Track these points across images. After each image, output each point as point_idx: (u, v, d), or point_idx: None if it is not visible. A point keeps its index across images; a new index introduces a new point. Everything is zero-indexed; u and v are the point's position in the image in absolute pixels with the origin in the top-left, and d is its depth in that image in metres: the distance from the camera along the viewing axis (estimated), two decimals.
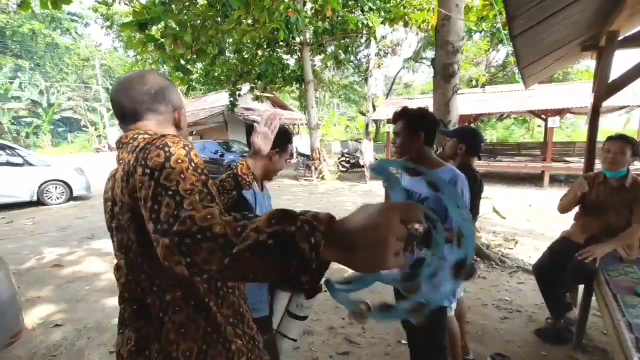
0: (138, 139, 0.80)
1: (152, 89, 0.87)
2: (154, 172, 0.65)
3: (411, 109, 1.59)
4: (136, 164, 0.69)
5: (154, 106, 0.87)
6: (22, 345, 2.34)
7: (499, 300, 2.92)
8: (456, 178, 1.49)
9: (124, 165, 0.74)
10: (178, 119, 0.92)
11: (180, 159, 0.67)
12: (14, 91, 23.20)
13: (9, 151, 7.12)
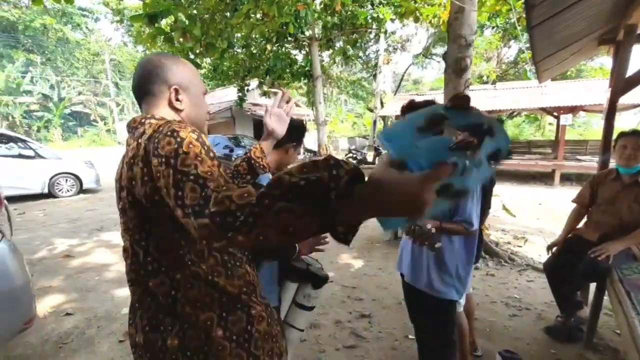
0: (145, 124, 0.79)
1: (147, 70, 0.85)
2: (169, 160, 0.64)
3: (417, 101, 1.57)
4: (148, 155, 0.69)
5: (148, 87, 0.84)
6: (34, 332, 2.38)
7: (507, 298, 2.89)
8: None
9: (129, 152, 0.75)
10: (173, 97, 0.84)
11: (192, 143, 0.66)
12: (25, 85, 23.51)
13: (20, 144, 7.23)
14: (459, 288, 1.55)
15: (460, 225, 1.45)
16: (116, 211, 2.75)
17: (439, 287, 1.54)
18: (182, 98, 0.85)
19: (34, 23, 25.12)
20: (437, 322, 1.61)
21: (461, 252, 1.54)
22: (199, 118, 0.91)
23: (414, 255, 1.62)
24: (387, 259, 3.84)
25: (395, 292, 3.02)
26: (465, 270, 1.56)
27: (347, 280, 3.25)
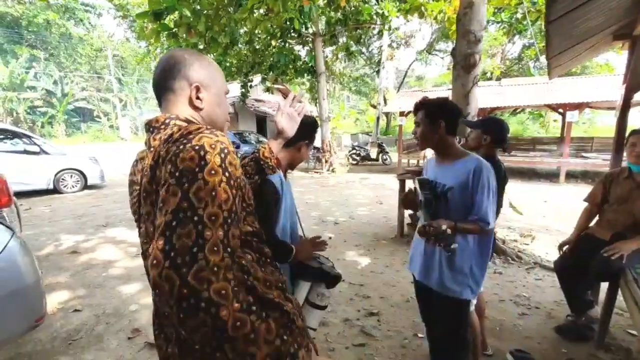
0: (169, 124, 0.76)
1: (169, 65, 0.81)
2: (183, 179, 0.61)
3: (430, 98, 1.55)
4: (166, 156, 0.65)
5: (168, 83, 0.80)
6: (43, 329, 2.39)
7: (516, 296, 2.87)
8: (481, 167, 1.42)
9: (154, 154, 0.70)
10: (194, 95, 0.80)
11: (214, 170, 0.63)
12: (29, 81, 23.55)
13: (25, 139, 7.22)
14: (474, 287, 1.52)
15: (476, 224, 1.41)
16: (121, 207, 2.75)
17: (452, 286, 1.51)
18: (203, 96, 0.81)
19: (37, 19, 25.11)
20: (451, 322, 1.59)
21: (476, 250, 1.51)
22: (219, 118, 0.87)
23: (426, 255, 1.60)
24: (393, 256, 3.82)
25: (403, 289, 3.01)
26: (480, 270, 1.53)
27: (355, 278, 3.24)
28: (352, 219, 5.49)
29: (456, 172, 1.48)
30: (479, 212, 1.41)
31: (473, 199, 1.42)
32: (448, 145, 1.53)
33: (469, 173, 1.42)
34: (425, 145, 1.55)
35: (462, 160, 1.49)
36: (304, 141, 1.46)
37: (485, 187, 1.40)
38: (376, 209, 6.17)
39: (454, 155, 1.52)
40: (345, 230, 4.86)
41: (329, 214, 5.78)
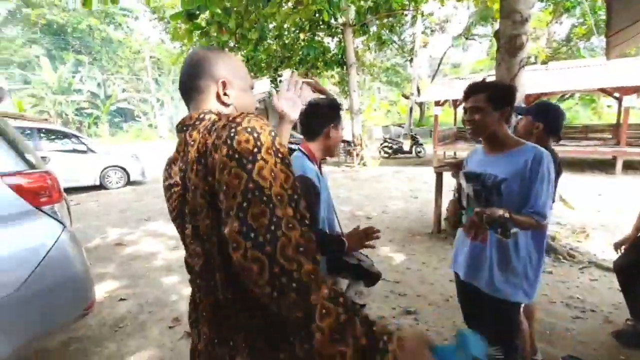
0: (205, 119, 0.75)
1: (193, 64, 0.81)
2: (243, 160, 0.59)
3: (493, 81, 1.41)
4: (219, 141, 0.63)
5: (194, 83, 0.80)
6: (93, 315, 2.54)
7: (568, 298, 2.65)
8: (540, 156, 1.29)
9: (198, 145, 0.68)
10: (221, 91, 0.79)
11: (270, 149, 0.62)
12: (75, 84, 25.28)
13: (74, 139, 7.76)
14: (527, 289, 1.40)
15: (531, 218, 1.29)
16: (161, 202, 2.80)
17: (503, 287, 1.39)
18: (229, 92, 0.81)
19: (80, 25, 26.83)
20: (500, 326, 1.47)
21: (530, 248, 1.39)
22: (245, 109, 0.85)
23: (473, 253, 1.48)
24: (430, 252, 3.67)
25: (441, 288, 2.87)
26: (535, 269, 1.40)
27: (390, 275, 3.15)
28: (385, 213, 5.36)
29: (510, 162, 1.35)
30: (536, 205, 1.29)
31: (530, 190, 1.30)
32: (503, 135, 1.39)
33: (525, 163, 1.30)
34: (482, 134, 1.41)
35: (517, 149, 1.36)
36: (330, 124, 1.39)
37: (544, 178, 1.28)
38: (410, 202, 5.99)
39: (507, 145, 1.39)
40: (378, 225, 4.72)
41: (361, 208, 5.68)
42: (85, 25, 27.05)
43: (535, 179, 1.28)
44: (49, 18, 26.03)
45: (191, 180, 0.69)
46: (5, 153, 1.67)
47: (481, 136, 1.43)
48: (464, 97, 1.42)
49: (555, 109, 1.91)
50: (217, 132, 0.65)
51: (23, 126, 7.25)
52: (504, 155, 1.39)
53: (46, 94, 23.49)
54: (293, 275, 0.55)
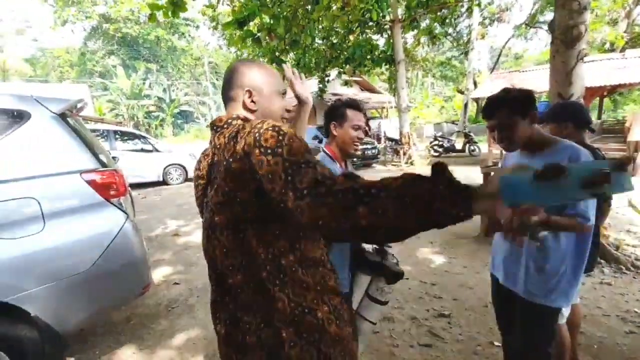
0: (232, 123, 0.86)
1: (227, 77, 0.94)
2: (275, 150, 0.69)
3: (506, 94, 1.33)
4: (249, 148, 0.73)
5: (229, 93, 0.93)
6: (151, 296, 2.89)
7: (625, 312, 2.39)
8: (578, 154, 1.23)
9: (222, 152, 0.80)
10: (247, 99, 0.91)
11: (292, 137, 0.72)
12: (145, 90, 28.03)
13: (142, 140, 8.71)
14: (567, 295, 1.33)
15: (573, 220, 1.22)
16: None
17: (540, 292, 1.34)
18: (255, 99, 0.92)
19: (149, 36, 29.65)
20: (533, 332, 1.41)
21: (571, 251, 1.32)
22: (273, 116, 0.96)
23: (512, 255, 1.43)
24: (473, 256, 3.53)
25: (481, 293, 2.76)
26: (575, 275, 1.33)
27: (426, 276, 3.10)
28: None
29: (547, 161, 1.29)
30: (577, 207, 1.22)
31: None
32: (536, 137, 1.35)
33: (563, 161, 1.23)
34: (517, 147, 1.36)
35: (553, 148, 1.30)
36: (331, 123, 1.50)
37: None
38: None
39: (542, 145, 1.34)
40: None
41: None
42: (154, 36, 29.89)
43: None
44: (124, 31, 29.20)
45: (216, 180, 0.81)
46: (84, 153, 1.99)
47: (517, 149, 1.38)
48: (486, 116, 1.37)
49: (574, 105, 1.86)
50: (246, 140, 0.75)
51: (102, 128, 8.30)
52: (540, 155, 1.33)
53: (121, 99, 26.39)
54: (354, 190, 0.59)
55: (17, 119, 1.78)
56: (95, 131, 7.95)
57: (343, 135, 1.49)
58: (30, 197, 1.72)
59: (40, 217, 1.73)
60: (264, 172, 0.69)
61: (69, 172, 1.87)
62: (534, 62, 25.77)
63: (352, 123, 1.48)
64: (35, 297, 1.67)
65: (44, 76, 30.27)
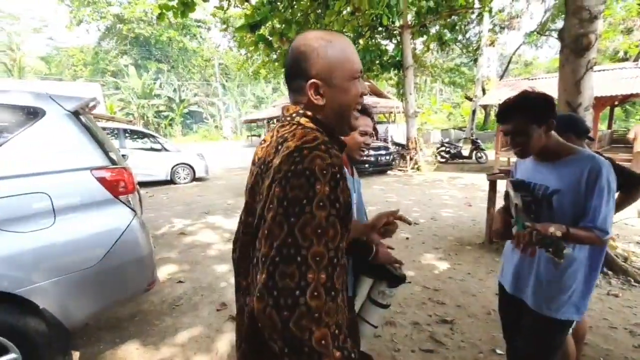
0: (292, 121, 0.76)
1: (290, 61, 0.77)
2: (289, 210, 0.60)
3: (524, 97, 1.27)
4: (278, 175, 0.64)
5: (291, 84, 0.78)
6: (156, 293, 2.92)
7: (633, 325, 2.36)
8: (599, 166, 1.18)
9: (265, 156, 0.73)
10: (313, 94, 0.74)
11: (323, 202, 0.60)
12: (156, 90, 28.43)
13: (152, 139, 8.83)
14: (579, 306, 1.30)
15: (592, 233, 1.18)
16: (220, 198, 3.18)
17: (551, 304, 1.31)
18: (323, 91, 0.75)
19: (162, 37, 30.13)
20: (541, 344, 1.38)
21: (584, 264, 1.29)
22: (345, 108, 0.79)
23: (521, 265, 1.41)
24: (477, 263, 3.50)
25: (484, 300, 2.75)
26: (587, 287, 1.30)
27: (430, 282, 3.08)
28: (434, 220, 5.20)
29: (563, 172, 1.26)
30: (596, 220, 1.18)
31: (586, 204, 1.20)
32: (553, 144, 1.30)
33: (581, 174, 1.20)
34: (530, 154, 1.33)
35: (572, 158, 1.26)
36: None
37: (604, 191, 1.17)
38: (463, 211, 5.71)
39: (559, 153, 1.29)
40: (425, 231, 4.64)
41: (409, 213, 5.57)
42: (166, 37, 30.34)
43: (594, 192, 1.18)
44: (137, 32, 29.69)
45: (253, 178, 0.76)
46: (95, 151, 2.03)
47: (529, 156, 1.35)
48: (500, 120, 1.33)
49: (570, 116, 1.90)
50: (282, 158, 0.65)
51: (113, 127, 8.44)
52: (555, 165, 1.29)
53: (132, 98, 26.80)
54: (305, 342, 0.57)
55: (32, 115, 1.84)
56: (106, 129, 8.09)
57: (349, 141, 1.44)
58: (42, 192, 1.77)
59: (51, 211, 1.77)
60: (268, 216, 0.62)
61: (80, 168, 1.91)
62: (544, 69, 25.57)
63: (359, 128, 1.46)
64: (44, 290, 1.71)
65: (58, 74, 30.88)
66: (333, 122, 0.80)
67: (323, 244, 0.59)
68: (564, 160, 1.27)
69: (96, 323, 2.46)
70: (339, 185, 0.63)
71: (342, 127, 0.83)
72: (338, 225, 0.62)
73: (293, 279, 0.57)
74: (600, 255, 1.29)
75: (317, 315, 0.57)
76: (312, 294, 0.57)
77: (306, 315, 0.57)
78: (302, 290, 0.57)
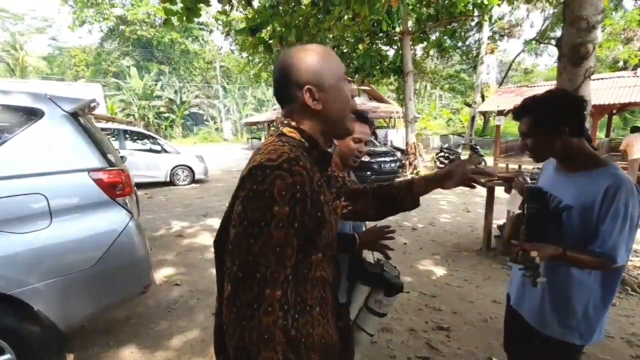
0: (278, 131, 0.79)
1: (279, 74, 0.78)
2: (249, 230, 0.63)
3: (538, 97, 1.19)
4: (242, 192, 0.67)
5: (284, 93, 0.79)
6: (152, 295, 2.91)
7: (631, 334, 2.35)
8: (619, 185, 1.06)
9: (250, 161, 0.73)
10: (309, 100, 0.75)
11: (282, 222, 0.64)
12: (157, 91, 28.49)
13: (152, 140, 8.83)
14: (584, 332, 1.19)
15: (596, 259, 1.08)
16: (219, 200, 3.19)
17: (554, 325, 1.22)
18: (318, 96, 0.76)
19: (164, 39, 30.24)
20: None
21: (595, 287, 1.17)
22: (340, 109, 0.80)
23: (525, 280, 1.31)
24: (475, 270, 3.50)
25: (481, 307, 2.74)
26: (598, 312, 1.18)
27: (426, 288, 3.08)
28: (432, 225, 5.20)
29: (580, 187, 1.15)
30: (604, 245, 1.07)
31: (599, 226, 1.08)
32: (575, 151, 1.17)
33: (597, 192, 1.08)
34: (543, 158, 1.25)
35: (593, 172, 1.14)
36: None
37: (619, 215, 1.05)
38: (461, 217, 5.71)
39: (582, 164, 1.17)
40: (423, 237, 4.63)
41: (407, 219, 5.57)
42: (168, 39, 30.45)
43: (607, 214, 1.06)
44: (140, 33, 29.79)
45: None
46: (93, 153, 2.03)
47: (543, 160, 1.26)
48: (515, 117, 1.26)
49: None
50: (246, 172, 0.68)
51: (113, 127, 8.45)
52: (576, 177, 1.17)
53: (133, 99, 26.84)
54: (251, 356, 0.63)
55: (30, 116, 1.84)
56: (106, 130, 8.10)
57: (343, 147, 1.44)
58: (38, 193, 1.77)
59: (47, 213, 1.77)
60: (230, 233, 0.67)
61: (77, 170, 1.91)
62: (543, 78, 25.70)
63: (355, 135, 1.43)
64: (39, 291, 1.71)
65: (60, 74, 30.97)
66: (330, 127, 0.81)
67: (280, 262, 0.64)
68: (587, 172, 1.15)
69: (91, 325, 2.45)
70: (300, 204, 0.66)
71: (340, 130, 0.83)
72: (294, 244, 0.66)
73: (252, 293, 0.62)
74: (614, 281, 1.17)
75: (267, 337, 0.63)
76: (266, 309, 0.63)
77: (257, 330, 0.62)
78: (258, 306, 0.62)
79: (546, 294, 1.24)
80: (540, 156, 1.23)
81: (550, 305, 1.22)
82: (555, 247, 1.10)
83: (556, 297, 1.21)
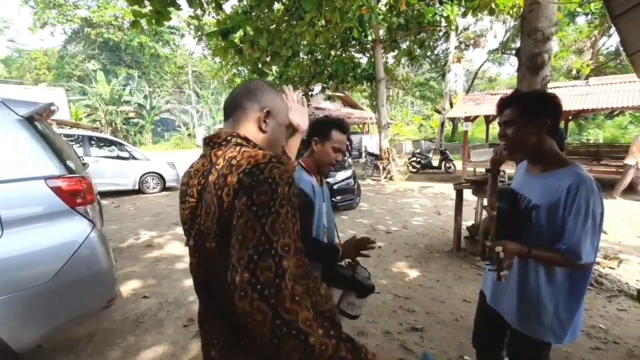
0: (230, 142, 0.82)
1: (248, 88, 0.91)
2: (260, 212, 0.67)
3: (527, 92, 1.28)
4: (241, 188, 0.70)
5: (243, 101, 0.89)
6: (118, 309, 2.76)
7: (590, 327, 2.50)
8: (579, 183, 1.11)
9: (218, 177, 0.75)
10: (262, 118, 0.88)
11: (284, 201, 0.70)
12: (125, 96, 27.42)
13: (119, 147, 8.46)
14: (558, 331, 1.24)
15: (561, 256, 1.13)
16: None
17: (526, 322, 1.28)
18: (269, 122, 0.90)
19: (133, 42, 29.21)
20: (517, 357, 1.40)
21: (565, 288, 1.21)
22: (276, 146, 0.95)
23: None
24: (446, 271, 3.60)
25: (452, 307, 2.82)
26: (569, 312, 1.23)
27: (400, 290, 3.13)
28: (405, 228, 5.30)
29: (547, 186, 1.20)
30: (569, 241, 1.11)
31: (563, 224, 1.14)
32: (544, 150, 1.22)
33: (561, 191, 1.14)
34: (517, 150, 1.26)
35: (557, 171, 1.19)
36: (313, 138, 1.48)
37: (580, 212, 1.10)
38: (433, 219, 5.87)
39: (547, 164, 1.23)
40: (396, 240, 4.72)
41: (382, 222, 5.66)
42: (137, 43, 29.44)
43: (571, 211, 1.11)
44: (106, 36, 28.63)
45: (207, 203, 0.76)
46: (51, 159, 1.92)
47: (517, 152, 1.27)
48: (498, 110, 1.30)
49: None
50: (240, 175, 0.71)
51: (77, 134, 8.02)
52: (544, 176, 1.23)
53: (99, 104, 25.65)
54: (292, 324, 0.62)
55: None
56: (69, 136, 7.68)
57: (322, 154, 1.48)
58: None
59: None
60: (238, 225, 0.67)
61: (33, 177, 1.80)
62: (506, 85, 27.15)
63: (333, 144, 1.47)
64: None
65: (18, 78, 29.10)
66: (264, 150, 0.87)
67: (288, 235, 0.68)
68: (553, 172, 1.21)
69: (50, 345, 2.29)
70: (292, 187, 0.74)
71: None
72: (292, 220, 0.72)
73: (271, 269, 0.64)
74: (582, 280, 1.21)
75: (298, 298, 0.65)
76: (289, 277, 0.65)
77: (289, 298, 0.64)
78: (281, 277, 0.64)
79: (520, 294, 1.28)
80: (515, 146, 1.25)
81: (524, 305, 1.28)
82: (520, 246, 1.16)
83: (529, 296, 1.26)
